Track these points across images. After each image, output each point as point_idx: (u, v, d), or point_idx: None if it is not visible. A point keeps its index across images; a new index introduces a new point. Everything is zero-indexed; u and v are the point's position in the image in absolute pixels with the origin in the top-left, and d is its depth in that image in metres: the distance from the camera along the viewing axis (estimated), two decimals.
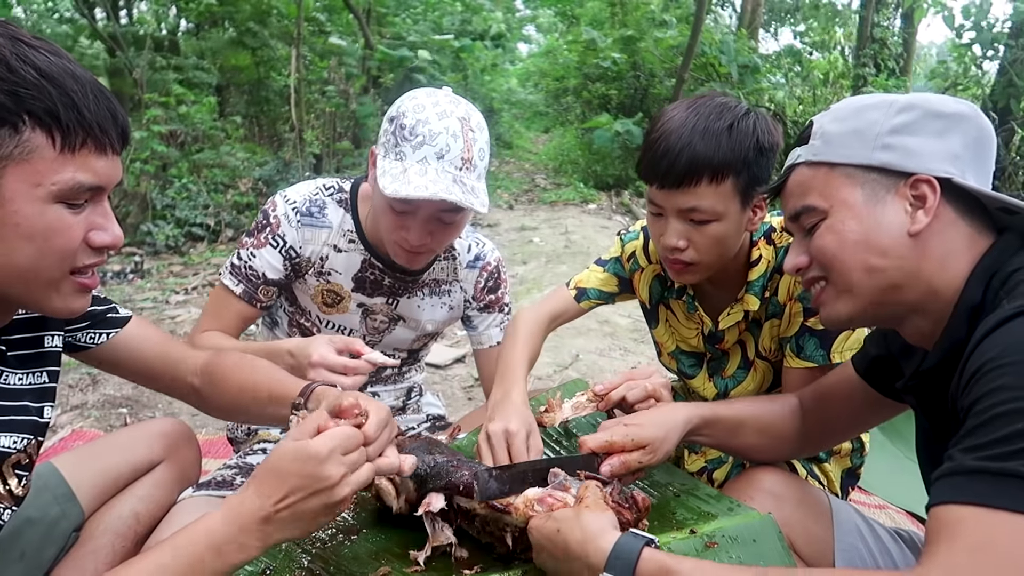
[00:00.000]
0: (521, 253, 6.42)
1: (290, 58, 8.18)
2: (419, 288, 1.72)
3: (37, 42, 0.87)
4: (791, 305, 1.52)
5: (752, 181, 1.39)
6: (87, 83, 0.88)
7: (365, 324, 1.72)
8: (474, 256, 1.77)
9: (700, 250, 1.42)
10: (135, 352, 1.30)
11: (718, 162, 1.34)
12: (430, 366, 3.76)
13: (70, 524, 1.44)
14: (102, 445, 1.63)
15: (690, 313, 1.67)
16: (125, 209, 6.27)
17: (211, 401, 1.35)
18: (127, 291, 5.12)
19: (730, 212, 1.39)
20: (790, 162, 1.10)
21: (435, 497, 1.15)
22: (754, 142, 1.37)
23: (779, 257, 1.52)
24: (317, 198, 1.62)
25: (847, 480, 1.69)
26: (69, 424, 3.02)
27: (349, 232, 1.64)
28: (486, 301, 1.80)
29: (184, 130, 6.84)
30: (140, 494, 1.55)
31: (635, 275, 1.77)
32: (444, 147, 1.40)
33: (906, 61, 10.19)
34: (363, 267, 1.66)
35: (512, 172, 11.91)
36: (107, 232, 0.93)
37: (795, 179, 1.09)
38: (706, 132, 1.35)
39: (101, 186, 0.91)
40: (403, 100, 1.46)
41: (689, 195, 1.37)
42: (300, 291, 1.69)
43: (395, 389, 1.89)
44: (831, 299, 1.06)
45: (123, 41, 8.20)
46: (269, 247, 1.60)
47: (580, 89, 12.38)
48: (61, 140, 0.85)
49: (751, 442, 1.37)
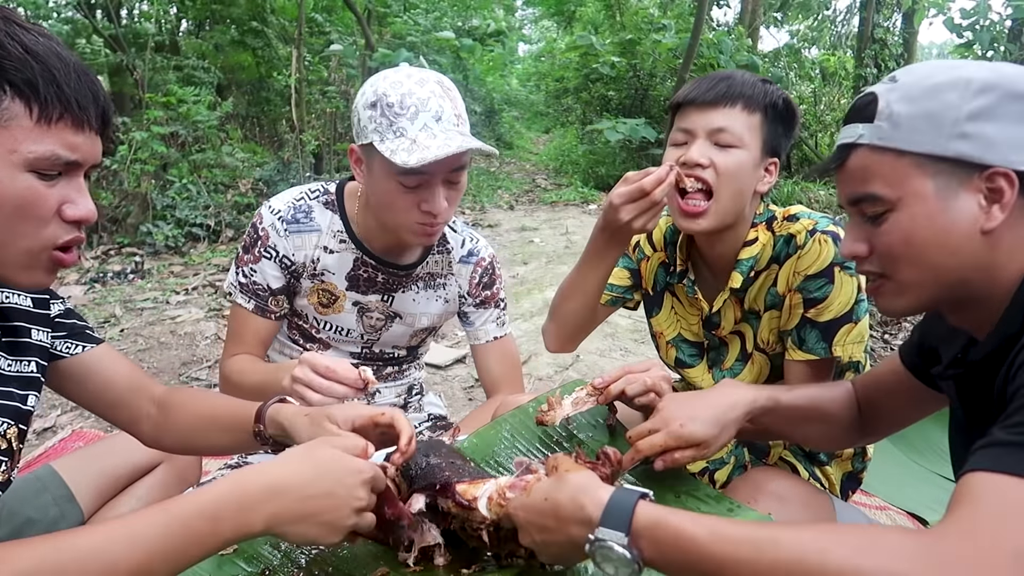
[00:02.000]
0: (522, 253, 6.42)
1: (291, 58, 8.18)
2: (413, 282, 1.72)
3: (30, 25, 0.90)
4: (791, 297, 1.52)
5: (773, 135, 1.50)
6: (70, 63, 0.91)
7: (362, 323, 1.72)
8: (468, 251, 1.77)
9: (721, 176, 1.46)
10: (104, 372, 1.30)
11: (754, 94, 1.47)
12: (430, 366, 3.76)
13: (69, 525, 1.44)
14: (102, 447, 1.63)
15: (690, 297, 1.69)
16: (125, 209, 6.27)
17: (169, 430, 1.33)
18: (127, 291, 5.12)
19: (752, 149, 1.48)
20: (850, 139, 0.99)
21: (416, 497, 1.13)
22: (783, 99, 1.50)
23: (777, 246, 1.54)
24: (302, 203, 1.63)
25: (848, 484, 1.69)
26: (69, 425, 3.02)
27: (339, 232, 1.64)
28: (481, 297, 1.80)
29: (184, 131, 6.83)
30: (140, 495, 1.55)
31: (641, 263, 1.80)
32: (438, 109, 1.43)
33: (907, 62, 10.19)
34: (355, 265, 1.66)
35: (513, 172, 11.92)
36: (79, 206, 0.95)
37: (857, 162, 0.98)
38: (744, 76, 1.51)
39: (77, 161, 0.93)
40: (375, 84, 1.46)
41: (723, 114, 1.47)
42: (297, 294, 1.69)
43: (396, 386, 1.88)
44: (891, 294, 1.01)
45: (124, 41, 8.20)
46: (264, 260, 1.61)
47: (580, 90, 12.39)
48: (39, 111, 0.88)
49: (813, 431, 1.35)
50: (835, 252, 1.45)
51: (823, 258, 1.46)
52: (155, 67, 7.89)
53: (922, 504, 2.31)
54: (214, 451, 1.53)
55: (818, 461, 1.67)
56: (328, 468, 0.94)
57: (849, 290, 1.46)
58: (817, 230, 1.48)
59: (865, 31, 9.76)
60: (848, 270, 1.46)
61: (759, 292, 1.58)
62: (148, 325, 4.46)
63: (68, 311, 1.28)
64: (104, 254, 5.90)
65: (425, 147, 1.38)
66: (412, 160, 1.37)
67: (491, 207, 8.75)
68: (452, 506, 1.09)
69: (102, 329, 4.35)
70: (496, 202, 9.06)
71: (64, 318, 1.26)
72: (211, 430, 1.31)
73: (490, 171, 11.47)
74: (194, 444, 1.37)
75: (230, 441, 1.30)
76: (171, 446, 1.38)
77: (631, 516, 0.85)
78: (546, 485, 0.96)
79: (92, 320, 4.45)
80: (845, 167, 1.00)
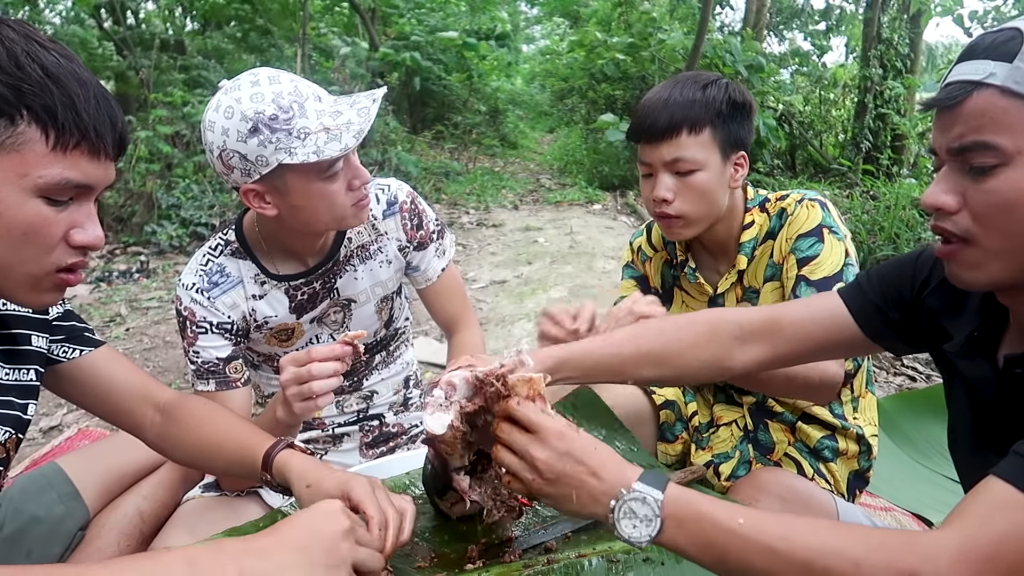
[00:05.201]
0: (526, 253, 6.42)
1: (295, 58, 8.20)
2: (345, 264, 1.64)
3: (50, 44, 0.88)
4: (786, 261, 1.57)
5: (729, 135, 1.55)
6: (91, 87, 0.89)
7: (326, 327, 1.68)
8: (386, 203, 1.67)
9: (686, 201, 1.55)
10: (104, 375, 1.28)
11: (694, 114, 1.51)
12: (433, 366, 3.76)
13: (75, 523, 1.45)
14: (107, 445, 1.64)
15: (692, 283, 1.74)
16: (130, 209, 6.29)
17: (172, 442, 1.31)
18: (133, 291, 5.14)
19: (711, 162, 1.53)
20: (976, 76, 0.85)
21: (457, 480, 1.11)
22: (726, 98, 1.53)
23: (772, 223, 1.62)
24: (211, 266, 1.55)
25: (855, 482, 1.69)
26: (75, 423, 3.03)
27: (257, 275, 1.57)
28: (418, 239, 1.71)
29: (188, 131, 6.85)
30: (144, 493, 1.56)
31: (646, 266, 1.86)
32: (308, 91, 1.35)
33: (913, 62, 10.16)
34: (290, 295, 1.60)
35: (517, 172, 11.91)
36: (87, 232, 0.93)
37: (979, 103, 0.84)
38: (682, 92, 1.53)
39: (89, 185, 0.91)
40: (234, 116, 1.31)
41: (672, 146, 1.52)
42: (255, 344, 1.64)
43: (392, 379, 1.83)
44: (969, 262, 0.90)
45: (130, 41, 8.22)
46: (202, 335, 1.52)
47: (586, 90, 12.38)
48: (55, 138, 0.86)
49: (647, 375, 1.27)
50: (823, 215, 1.54)
51: (811, 219, 1.55)
52: (160, 67, 7.91)
53: (928, 505, 2.30)
54: (215, 473, 1.50)
55: (823, 458, 1.67)
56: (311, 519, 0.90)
57: (839, 251, 1.51)
58: (805, 198, 1.59)
59: (870, 32, 9.73)
60: (836, 234, 1.53)
61: (757, 267, 1.64)
62: (153, 324, 4.48)
63: (67, 313, 1.27)
64: (109, 253, 5.92)
65: (345, 124, 1.32)
66: (350, 141, 1.31)
67: (495, 207, 8.75)
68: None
69: (107, 328, 4.36)
70: (500, 202, 9.05)
71: (63, 320, 1.25)
72: (215, 458, 1.29)
73: (494, 171, 11.46)
74: (195, 463, 1.37)
75: (232, 471, 1.28)
76: (174, 457, 1.38)
77: (665, 483, 0.88)
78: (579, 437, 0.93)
79: (97, 319, 4.46)
80: (961, 107, 0.86)
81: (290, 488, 1.15)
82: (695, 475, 1.38)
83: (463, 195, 9.11)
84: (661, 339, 1.26)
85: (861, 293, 1.19)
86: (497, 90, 14.02)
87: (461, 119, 12.59)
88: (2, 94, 0.83)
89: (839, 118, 10.91)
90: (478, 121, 13.15)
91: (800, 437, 1.69)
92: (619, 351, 1.25)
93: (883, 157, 8.95)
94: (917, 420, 2.75)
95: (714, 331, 1.26)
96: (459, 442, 1.06)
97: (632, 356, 1.25)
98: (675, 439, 1.85)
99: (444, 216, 8.01)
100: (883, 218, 5.76)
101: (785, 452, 1.68)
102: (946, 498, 2.39)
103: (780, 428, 1.70)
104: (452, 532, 1.23)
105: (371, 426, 1.81)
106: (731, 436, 1.74)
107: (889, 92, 9.36)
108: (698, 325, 1.28)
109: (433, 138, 12.07)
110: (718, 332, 1.25)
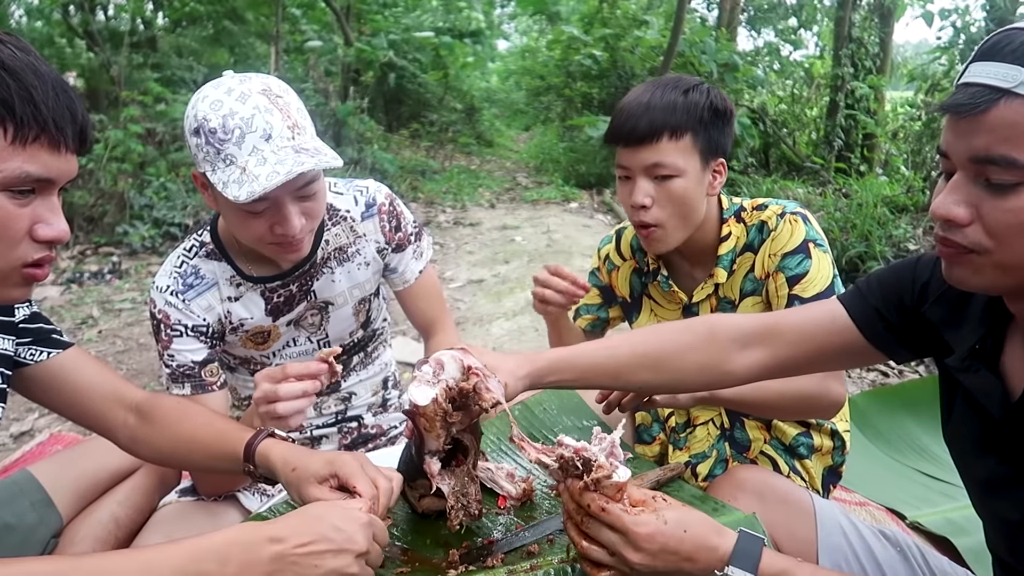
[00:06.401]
0: (503, 252, 6.42)
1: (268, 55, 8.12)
2: (322, 267, 1.63)
3: (6, 37, 0.87)
4: (773, 279, 1.56)
5: (710, 142, 1.53)
6: (49, 80, 0.88)
7: (303, 330, 1.66)
8: (364, 205, 1.66)
9: (665, 208, 1.53)
10: (73, 377, 1.26)
11: (676, 119, 1.49)
12: (411, 366, 3.75)
13: (48, 531, 1.43)
14: (80, 451, 1.62)
15: (665, 292, 1.73)
16: (102, 209, 6.19)
17: (146, 442, 1.30)
18: (105, 292, 5.06)
19: (690, 169, 1.52)
20: (1004, 84, 0.78)
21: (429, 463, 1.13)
22: (708, 104, 1.52)
23: (750, 235, 1.61)
24: (185, 268, 1.52)
25: (829, 478, 1.71)
26: (47, 428, 2.98)
27: (233, 277, 1.55)
28: (396, 241, 1.70)
29: (162, 129, 6.76)
30: (119, 499, 1.54)
31: (612, 275, 1.85)
32: (266, 126, 1.29)
33: (883, 61, 10.28)
34: (265, 297, 1.58)
35: (493, 171, 11.90)
36: (52, 226, 0.93)
37: (1007, 114, 0.78)
38: (664, 96, 1.51)
39: (50, 179, 0.91)
40: (195, 107, 1.31)
41: (652, 151, 1.50)
42: (231, 347, 1.62)
43: (370, 381, 1.82)
44: (974, 268, 0.87)
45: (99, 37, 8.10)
46: (176, 339, 1.50)
47: (562, 87, 12.39)
48: (14, 132, 0.85)
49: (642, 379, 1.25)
50: (807, 230, 1.54)
51: (796, 236, 1.54)
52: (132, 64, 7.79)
53: (901, 500, 2.34)
54: (193, 470, 1.48)
55: (798, 455, 1.69)
56: (324, 515, 0.94)
57: (827, 265, 1.53)
58: (786, 212, 1.58)
59: (841, 31, 9.83)
60: (821, 247, 1.54)
61: (735, 280, 1.63)
62: (126, 326, 4.42)
63: (34, 315, 1.25)
64: (80, 254, 5.83)
65: (255, 178, 1.26)
66: (243, 195, 1.25)
67: (472, 205, 8.74)
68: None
69: (80, 330, 4.30)
70: (477, 200, 9.05)
71: (30, 323, 1.23)
72: (193, 454, 1.27)
73: (471, 169, 11.45)
74: (172, 461, 1.36)
75: (212, 465, 1.26)
76: (148, 458, 1.36)
77: (759, 560, 0.93)
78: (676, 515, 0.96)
79: (69, 322, 4.40)
80: (985, 115, 0.79)
81: (275, 476, 1.15)
82: (674, 472, 1.39)
83: (440, 194, 9.09)
84: (658, 342, 1.25)
85: (861, 298, 1.18)
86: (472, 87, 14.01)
87: (437, 117, 12.57)
88: None
89: (812, 117, 11.02)
90: (454, 119, 13.13)
91: (776, 434, 1.71)
92: (615, 353, 1.24)
93: (854, 156, 9.07)
94: (890, 416, 2.79)
95: (713, 334, 1.24)
96: (439, 419, 1.08)
97: (628, 359, 1.23)
98: (652, 440, 1.86)
99: (421, 215, 7.98)
100: (855, 216, 5.85)
101: (761, 450, 1.70)
102: (919, 492, 2.43)
103: (756, 426, 1.72)
104: (433, 536, 1.23)
105: (350, 428, 1.80)
106: (708, 435, 1.76)
107: (860, 91, 9.48)
108: (696, 328, 1.26)
109: (409, 136, 12.03)
110: (717, 335, 1.24)
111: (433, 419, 1.07)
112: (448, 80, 12.44)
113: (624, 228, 1.84)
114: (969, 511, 1.12)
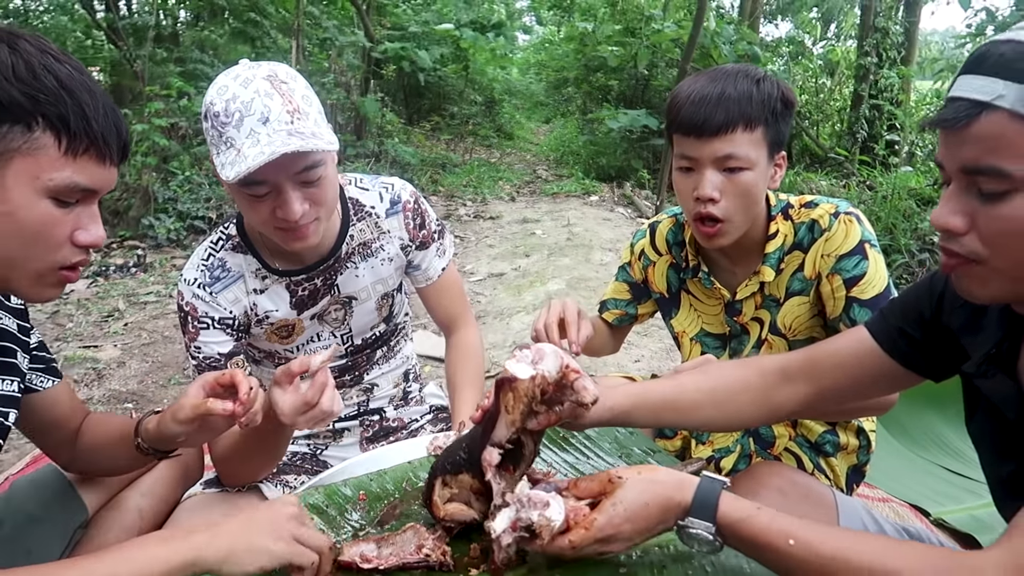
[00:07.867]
0: (524, 246, 6.41)
1: (290, 49, 8.16)
2: (347, 261, 1.64)
3: (63, 56, 0.96)
4: (829, 281, 1.52)
5: (777, 135, 1.48)
6: (100, 98, 0.96)
7: (327, 325, 1.68)
8: (389, 202, 1.68)
9: (732, 202, 1.47)
10: (53, 410, 1.34)
11: (752, 111, 1.43)
12: (432, 359, 3.77)
13: (75, 522, 1.45)
14: None
15: (707, 289, 1.69)
16: (127, 202, 6.26)
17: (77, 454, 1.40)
18: (130, 285, 5.13)
19: (760, 162, 1.47)
20: (984, 97, 0.80)
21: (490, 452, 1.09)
22: (780, 95, 1.46)
23: (799, 233, 1.56)
24: (212, 260, 1.55)
25: (853, 477, 1.69)
26: None
27: (259, 270, 1.57)
28: (420, 238, 1.72)
29: (185, 123, 6.82)
30: (143, 490, 1.56)
31: (648, 270, 1.81)
32: (264, 110, 1.30)
33: (908, 51, 10.13)
34: (291, 291, 1.60)
35: (513, 163, 11.89)
36: (91, 232, 1.01)
37: (991, 127, 0.80)
38: (737, 86, 1.44)
39: (94, 189, 0.99)
40: (208, 93, 1.36)
41: (726, 142, 1.43)
42: (256, 340, 1.64)
43: (392, 373, 1.84)
44: (978, 279, 0.89)
45: (123, 33, 8.17)
46: (203, 331, 1.52)
47: (581, 80, 12.34)
48: (67, 144, 0.94)
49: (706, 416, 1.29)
50: (861, 231, 1.49)
51: (851, 237, 1.50)
52: (155, 60, 7.86)
53: (925, 496, 2.32)
54: (117, 470, 1.48)
55: (824, 453, 1.68)
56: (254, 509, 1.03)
57: (883, 266, 1.50)
58: (840, 212, 1.52)
59: (866, 20, 9.71)
60: (875, 247, 1.51)
61: (781, 279, 1.59)
62: (152, 319, 4.47)
63: (40, 344, 1.31)
64: (106, 248, 5.90)
65: (245, 158, 1.28)
66: (232, 175, 1.28)
67: (493, 198, 8.75)
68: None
69: (106, 323, 4.36)
70: (497, 193, 9.05)
71: (38, 351, 1.29)
72: (109, 449, 1.36)
73: (491, 162, 11.45)
74: (99, 465, 1.42)
75: (126, 457, 1.34)
76: (82, 469, 1.45)
77: (715, 509, 0.95)
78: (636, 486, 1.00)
79: (96, 314, 4.46)
80: (968, 128, 0.82)
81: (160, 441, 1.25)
82: (696, 467, 1.38)
83: (460, 187, 9.10)
84: (719, 378, 1.29)
85: (883, 320, 1.19)
86: (493, 80, 13.99)
87: (457, 110, 12.56)
88: (20, 103, 0.90)
89: (835, 107, 10.90)
90: (474, 112, 13.12)
91: (802, 431, 1.69)
92: (683, 390, 1.28)
93: (879, 147, 8.95)
94: (914, 411, 2.76)
95: (761, 372, 1.28)
96: (524, 402, 1.05)
97: (694, 395, 1.27)
98: (674, 435, 1.85)
99: (441, 208, 8.00)
100: (880, 208, 5.78)
101: (786, 447, 1.69)
102: (943, 488, 2.40)
103: (782, 422, 1.70)
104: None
105: (371, 420, 1.82)
106: None
107: (884, 81, 9.35)
108: (747, 367, 1.31)
109: (430, 129, 12.04)
110: (765, 372, 1.28)
111: (520, 399, 1.04)
112: (469, 73, 12.43)
113: (658, 222, 1.80)
114: (993, 508, 1.12)
